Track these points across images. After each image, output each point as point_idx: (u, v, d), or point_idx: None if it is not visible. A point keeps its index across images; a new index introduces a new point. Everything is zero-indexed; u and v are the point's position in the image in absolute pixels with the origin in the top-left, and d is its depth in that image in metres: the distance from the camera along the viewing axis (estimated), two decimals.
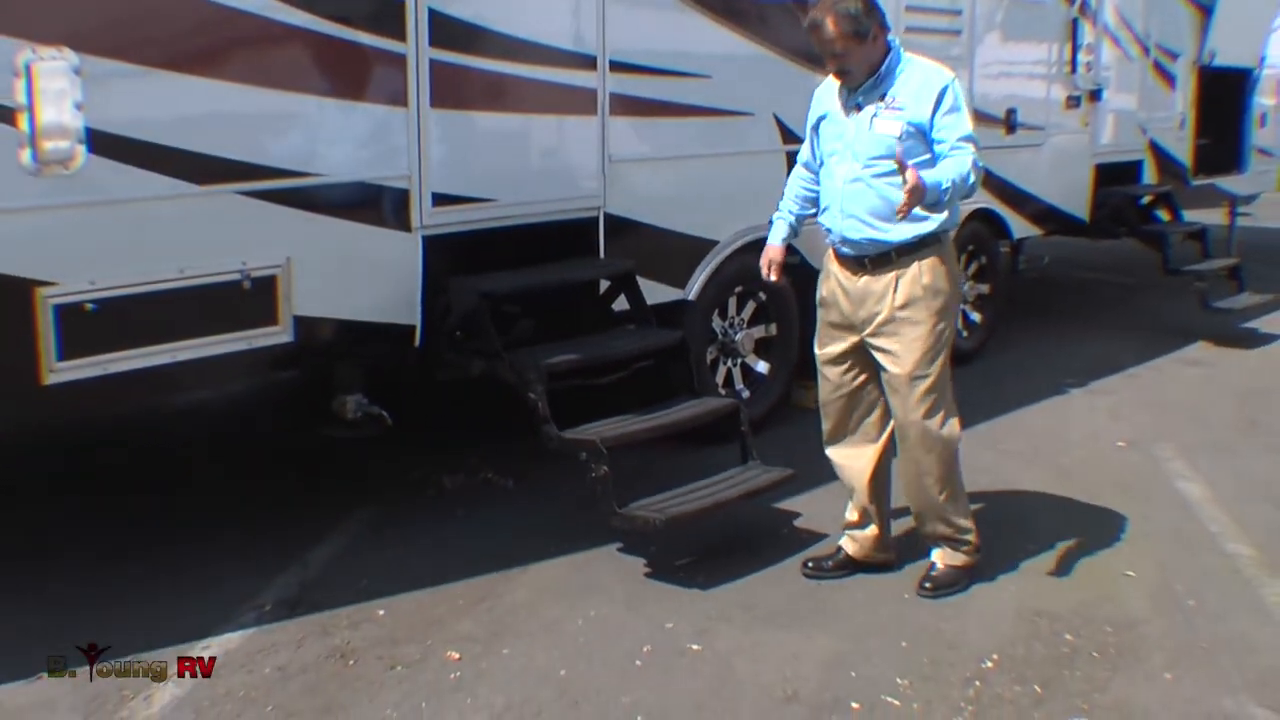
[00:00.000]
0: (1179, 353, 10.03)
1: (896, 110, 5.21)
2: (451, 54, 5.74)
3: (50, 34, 4.60)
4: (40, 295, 4.66)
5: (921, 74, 5.27)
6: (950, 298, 5.40)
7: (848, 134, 5.33)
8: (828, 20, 5.19)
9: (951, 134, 5.16)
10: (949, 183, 5.04)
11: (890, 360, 5.36)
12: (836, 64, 5.29)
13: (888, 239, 5.25)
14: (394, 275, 5.69)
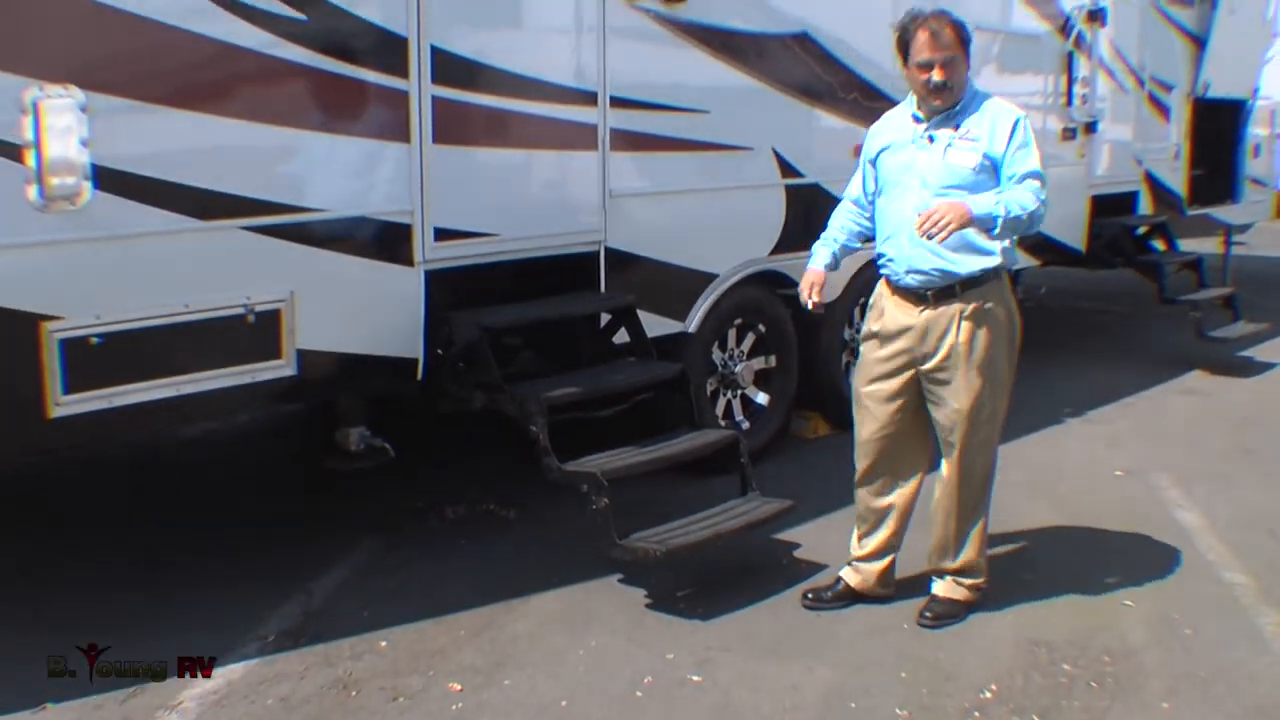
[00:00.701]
0: (1175, 382, 10.07)
1: (971, 141, 5.25)
2: (454, 90, 5.79)
3: (57, 71, 4.64)
4: (46, 329, 4.70)
5: (995, 109, 5.33)
6: (1012, 332, 5.44)
7: (918, 164, 5.35)
8: (945, 26, 5.25)
9: (1021, 168, 5.20)
10: (1004, 209, 5.07)
11: (950, 394, 5.38)
12: (943, 74, 5.25)
13: (955, 270, 5.27)
14: (396, 309, 5.72)
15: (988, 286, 5.33)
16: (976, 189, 5.16)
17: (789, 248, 7.40)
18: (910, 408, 5.52)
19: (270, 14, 5.16)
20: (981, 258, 5.28)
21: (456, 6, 5.81)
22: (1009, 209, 5.09)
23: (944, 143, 5.30)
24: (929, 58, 5.26)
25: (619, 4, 6.44)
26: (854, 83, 7.83)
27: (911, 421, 5.56)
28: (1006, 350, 5.43)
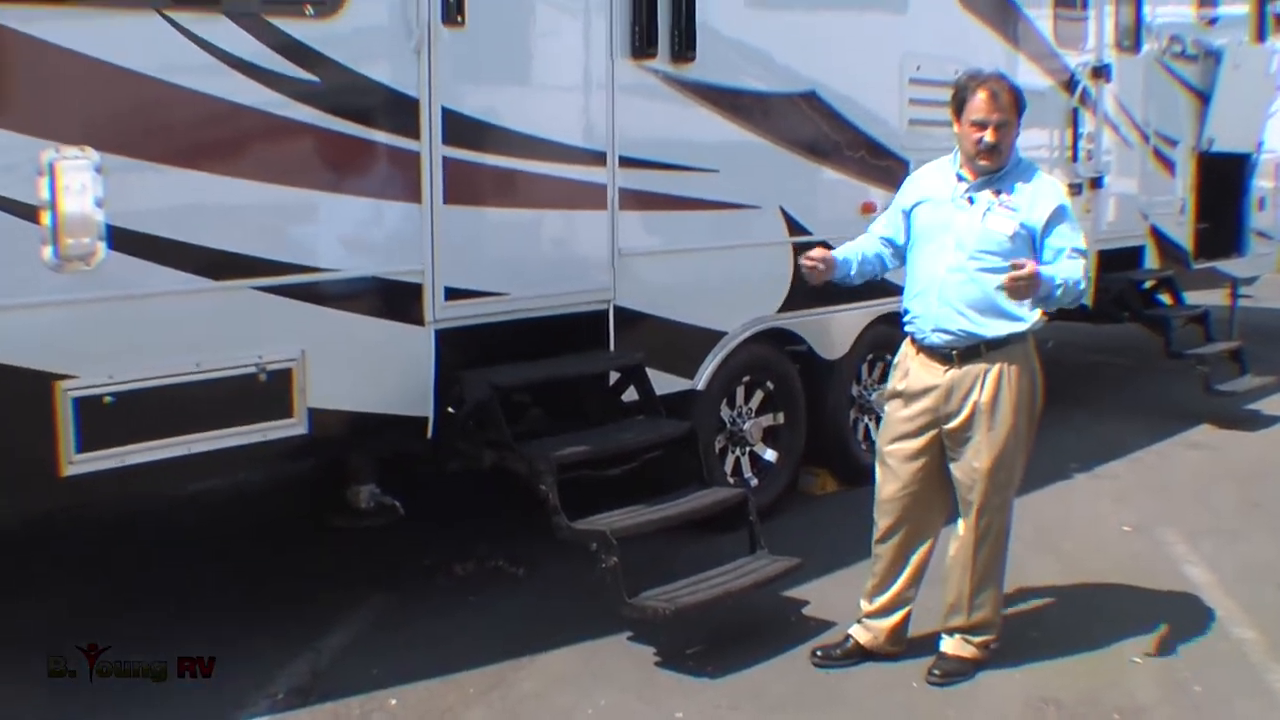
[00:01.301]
0: (1183, 435, 10.07)
1: (1010, 210, 5.29)
2: (464, 151, 5.85)
3: (73, 133, 4.72)
4: (60, 388, 4.76)
5: (1040, 182, 5.39)
6: (1034, 394, 5.46)
7: (956, 224, 5.39)
8: (1005, 89, 5.33)
9: (1066, 243, 5.25)
10: (1061, 280, 5.12)
11: (972, 453, 5.40)
12: (995, 136, 5.31)
13: (981, 333, 5.31)
14: (407, 368, 5.76)
15: (1013, 348, 5.37)
16: (1010, 257, 5.20)
17: (797, 305, 7.48)
18: (933, 466, 5.54)
19: (282, 75, 5.24)
20: (1008, 322, 5.32)
21: (467, 68, 5.88)
22: (1067, 282, 5.15)
23: (983, 206, 5.34)
24: (984, 118, 5.33)
25: (628, 65, 6.52)
26: (861, 141, 7.90)
27: (933, 480, 5.57)
28: (1028, 412, 5.46)
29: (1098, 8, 10.34)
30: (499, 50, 6.05)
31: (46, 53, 4.67)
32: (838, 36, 7.74)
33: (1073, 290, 5.18)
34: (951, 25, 8.74)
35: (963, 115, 5.43)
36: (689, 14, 6.71)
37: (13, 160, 4.62)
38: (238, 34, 5.13)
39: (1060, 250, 5.25)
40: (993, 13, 9.12)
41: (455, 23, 5.76)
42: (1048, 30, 9.78)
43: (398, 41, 5.62)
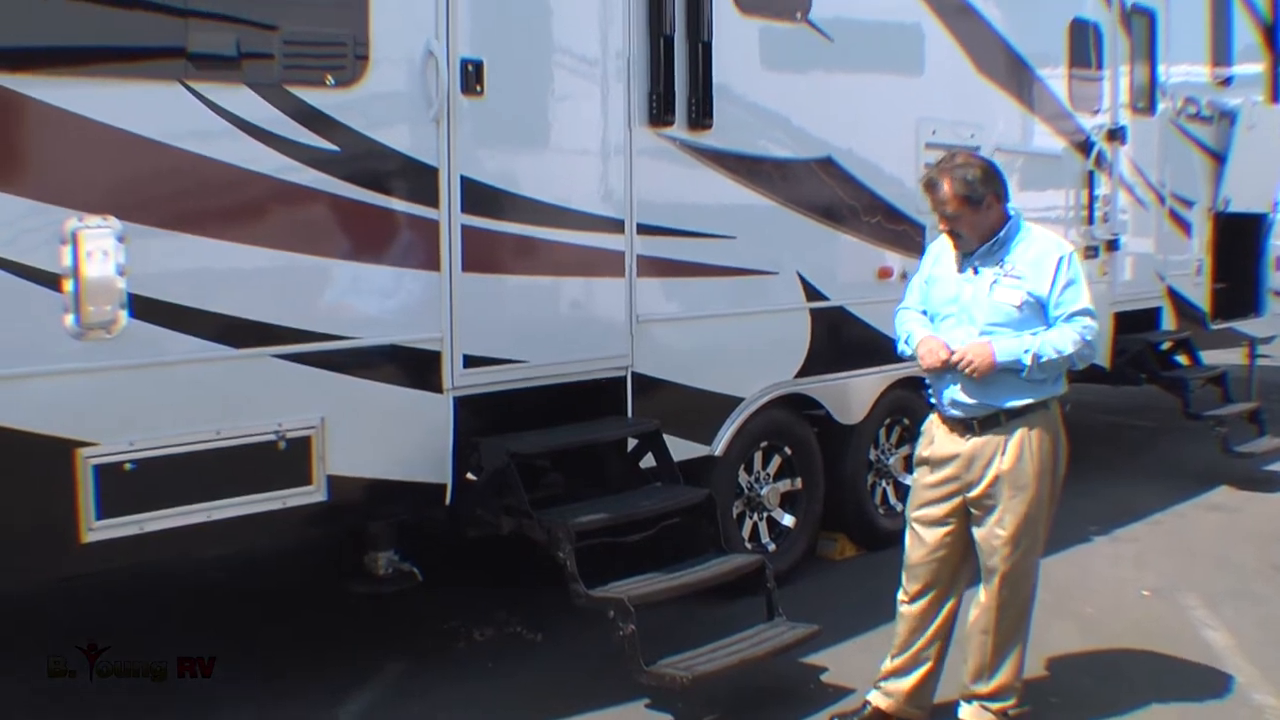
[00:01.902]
0: (1202, 497, 10.03)
1: (1016, 279, 5.28)
2: (483, 219, 5.90)
3: (96, 201, 4.79)
4: (80, 456, 4.80)
5: (1040, 245, 5.36)
6: (1056, 462, 5.44)
7: (964, 298, 5.39)
8: (944, 182, 5.31)
9: (1067, 307, 5.24)
10: (1035, 354, 5.14)
11: (994, 520, 5.39)
12: (948, 226, 5.37)
13: (999, 403, 5.31)
14: (426, 435, 5.78)
15: (1033, 415, 5.35)
16: (1023, 326, 5.21)
17: (814, 370, 7.51)
18: (959, 532, 5.53)
19: (303, 144, 5.30)
20: (1026, 391, 5.31)
21: (486, 137, 5.93)
22: (1040, 353, 5.15)
23: (989, 279, 5.34)
24: (933, 210, 5.43)
25: (645, 132, 6.57)
26: (877, 205, 7.94)
27: (959, 545, 5.56)
28: (1050, 479, 5.43)
29: (1112, 68, 10.40)
30: (517, 119, 6.10)
31: (70, 122, 4.74)
32: (854, 102, 7.79)
33: (1059, 359, 5.19)
34: (967, 89, 8.80)
35: None
36: (706, 82, 6.77)
37: (36, 228, 4.68)
38: (259, 103, 5.19)
39: (1058, 318, 5.26)
40: (1007, 77, 9.17)
41: (474, 92, 5.82)
42: (1062, 93, 9.82)
43: (417, 111, 5.68)
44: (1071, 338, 5.20)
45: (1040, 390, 5.33)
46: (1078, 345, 5.21)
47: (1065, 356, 5.19)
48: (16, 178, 4.67)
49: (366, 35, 5.49)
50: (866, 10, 7.95)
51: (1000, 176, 5.42)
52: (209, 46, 5.08)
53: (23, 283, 4.66)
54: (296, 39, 5.30)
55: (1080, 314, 5.25)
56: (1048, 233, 5.50)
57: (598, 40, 6.40)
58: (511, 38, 6.05)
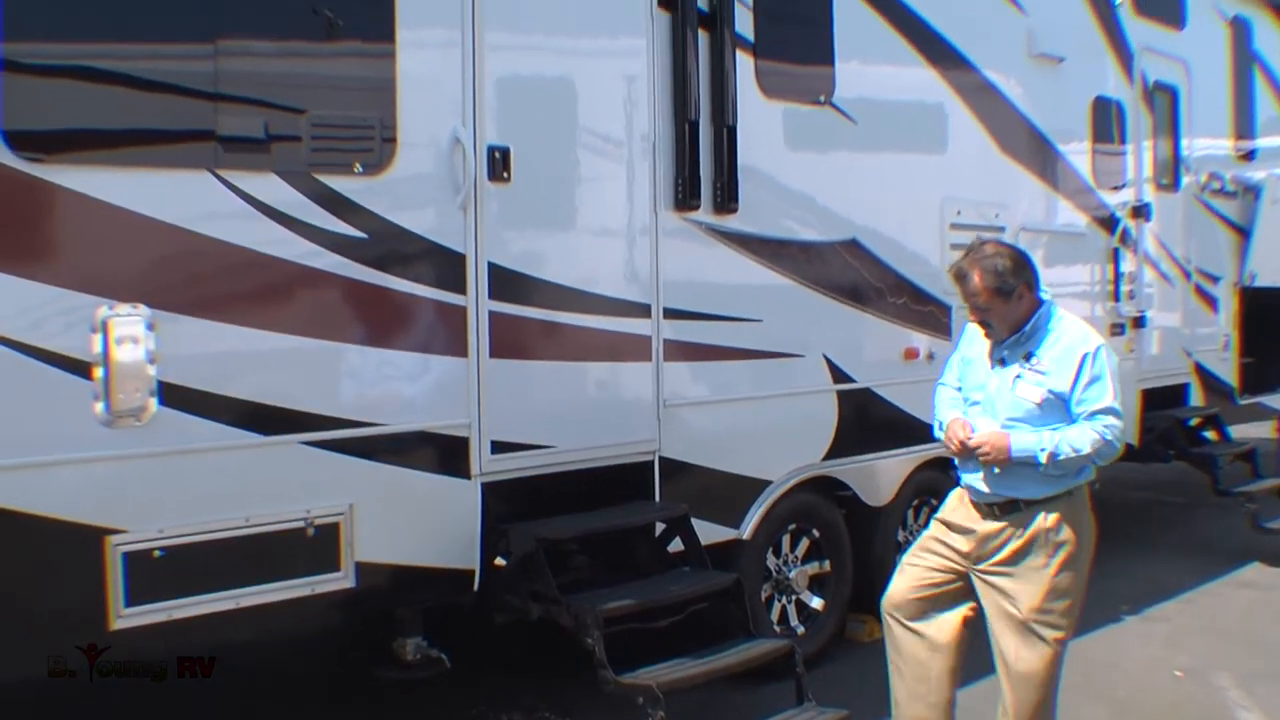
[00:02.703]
0: (1233, 575, 9.95)
1: (1040, 374, 5.25)
2: (510, 305, 5.93)
3: (126, 289, 4.83)
4: (110, 543, 4.81)
5: (1068, 338, 5.31)
6: (1078, 549, 5.36)
7: (990, 388, 5.40)
8: (974, 274, 5.29)
9: (1089, 405, 5.20)
10: (1051, 452, 5.12)
11: (1008, 601, 5.36)
12: (979, 316, 5.37)
13: (1019, 494, 5.29)
14: (454, 521, 5.78)
15: (1056, 504, 5.30)
16: (1043, 421, 5.19)
17: (842, 453, 7.50)
18: (946, 585, 5.53)
19: (331, 231, 5.35)
20: (1045, 483, 5.28)
21: (512, 223, 5.97)
22: (1057, 451, 5.13)
23: (1014, 372, 5.32)
24: (964, 303, 5.45)
25: (671, 216, 6.61)
26: (903, 286, 7.97)
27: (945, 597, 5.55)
28: (1071, 564, 5.35)
29: (1135, 145, 10.46)
30: (544, 204, 6.14)
31: (101, 210, 4.79)
32: (878, 184, 7.83)
33: (1077, 457, 5.15)
34: (990, 169, 8.85)
35: None
36: (730, 165, 6.82)
37: (66, 316, 4.72)
38: (287, 191, 5.25)
39: (1079, 416, 5.23)
40: (1031, 155, 9.23)
41: (501, 179, 5.86)
42: (1086, 170, 9.87)
43: (444, 197, 5.72)
44: (1091, 437, 5.16)
45: (1061, 482, 5.28)
46: (1096, 445, 5.16)
47: (1083, 455, 5.15)
48: (47, 266, 4.72)
49: (394, 123, 5.54)
50: (889, 92, 8.01)
51: (1031, 265, 5.41)
52: (238, 131, 5.15)
53: (54, 370, 4.69)
54: (325, 123, 5.37)
55: (1103, 413, 5.20)
56: (1078, 324, 5.44)
57: (623, 125, 6.46)
58: (538, 124, 6.10)
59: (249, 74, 5.21)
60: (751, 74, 7.04)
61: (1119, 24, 10.34)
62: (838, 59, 7.57)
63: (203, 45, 5.06)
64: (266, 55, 5.29)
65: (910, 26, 8.11)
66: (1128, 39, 10.42)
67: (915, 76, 8.20)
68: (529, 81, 6.11)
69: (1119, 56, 10.34)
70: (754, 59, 7.06)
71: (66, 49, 4.81)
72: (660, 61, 6.61)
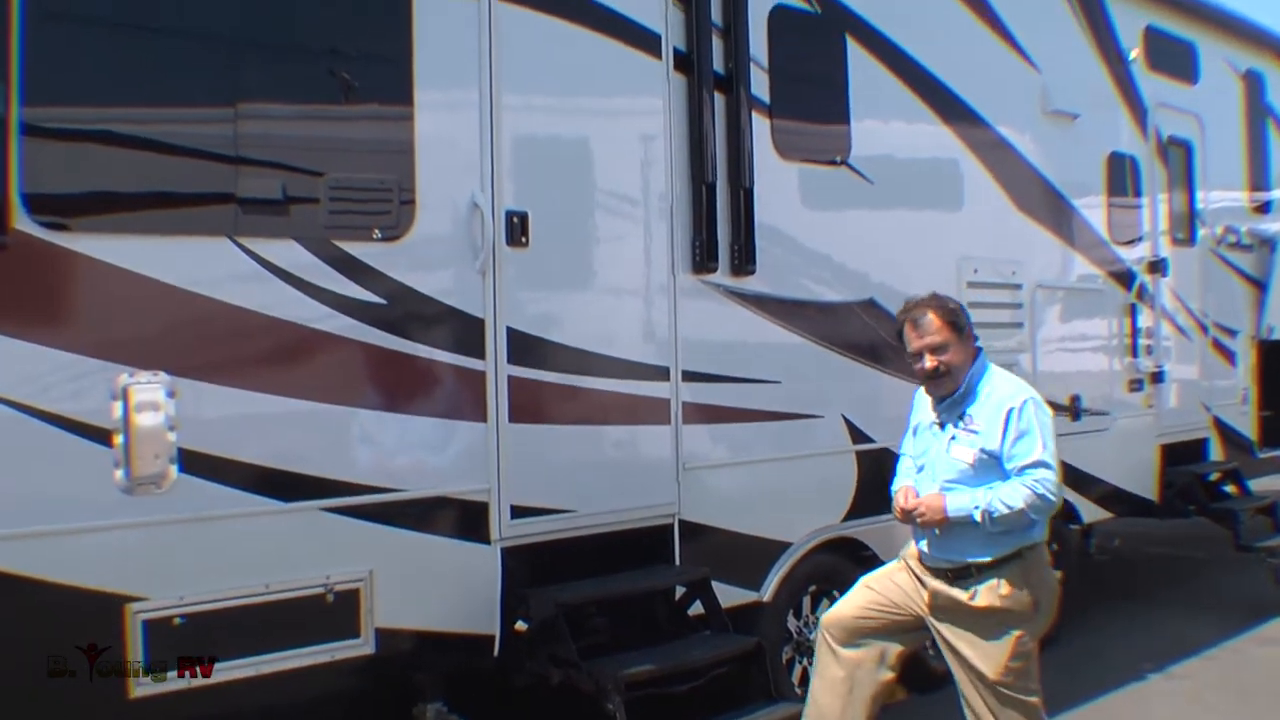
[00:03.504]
0: (1256, 631, 9.86)
1: (972, 434, 5.27)
2: (529, 369, 5.94)
3: (146, 356, 4.85)
4: (130, 611, 4.80)
5: (997, 395, 5.33)
6: (1032, 609, 5.37)
7: (931, 452, 5.42)
8: (930, 312, 5.34)
9: (1019, 460, 5.21)
10: (986, 510, 5.13)
11: (965, 665, 5.37)
12: (935, 360, 5.35)
13: (968, 557, 5.29)
14: (473, 586, 5.77)
15: (1006, 567, 5.31)
16: (979, 481, 5.23)
17: (861, 513, 7.47)
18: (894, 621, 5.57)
19: (350, 298, 5.37)
20: (991, 546, 5.29)
21: (531, 287, 5.99)
22: (991, 509, 5.15)
23: (949, 434, 5.37)
24: (916, 347, 5.40)
25: (689, 279, 6.62)
26: None
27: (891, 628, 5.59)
28: (1026, 623, 5.36)
29: (1151, 200, 10.46)
30: (562, 268, 6.17)
31: (121, 278, 4.82)
32: (895, 243, 7.84)
33: (1011, 513, 5.14)
34: (1006, 227, 8.87)
35: (906, 351, 5.49)
36: (748, 228, 6.84)
37: (86, 384, 4.74)
38: (306, 258, 5.27)
39: (1011, 472, 5.23)
40: (1046, 212, 9.24)
41: (519, 243, 5.89)
42: (1102, 226, 9.86)
43: (463, 262, 5.75)
44: (1023, 493, 5.16)
45: (1007, 541, 5.28)
46: (1029, 500, 5.16)
47: (1017, 511, 5.15)
48: (68, 332, 4.75)
49: (413, 185, 5.58)
50: (905, 151, 8.04)
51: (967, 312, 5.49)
52: (257, 196, 5.19)
53: (74, 437, 4.70)
54: (344, 186, 5.42)
55: (1033, 466, 5.20)
56: (1008, 380, 5.48)
57: (641, 188, 6.49)
58: (555, 187, 6.14)
59: (268, 138, 5.25)
60: (768, 135, 7.08)
61: (1132, 80, 10.36)
62: (853, 119, 7.60)
63: (222, 109, 5.11)
64: (285, 119, 5.33)
65: (925, 85, 8.15)
66: (1141, 94, 10.45)
67: (931, 135, 8.23)
68: (546, 144, 6.15)
69: (1133, 112, 10.36)
70: (770, 120, 7.10)
71: (86, 113, 4.86)
72: (677, 124, 6.65)
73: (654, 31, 6.56)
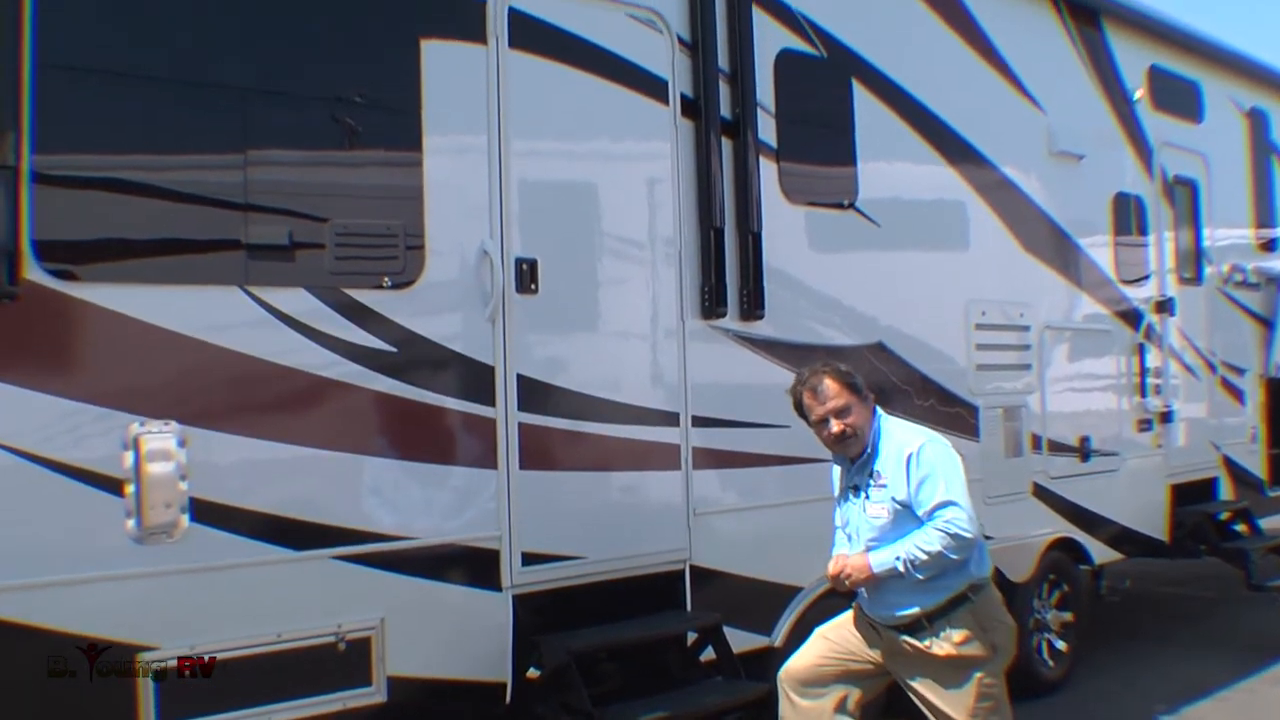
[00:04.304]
0: (1269, 671, 9.79)
1: (881, 488, 5.33)
2: (539, 416, 5.94)
3: (158, 406, 4.85)
4: (140, 659, 4.79)
5: (894, 443, 5.39)
6: (991, 651, 5.37)
7: (852, 517, 5.49)
8: (826, 379, 5.40)
9: (926, 504, 5.24)
10: (905, 560, 5.15)
11: (935, 712, 5.39)
12: (840, 424, 5.39)
13: (911, 609, 5.30)
14: (485, 634, 5.75)
15: (956, 613, 5.32)
16: (898, 535, 5.25)
17: None
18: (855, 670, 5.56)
19: (360, 346, 5.38)
20: (930, 592, 5.30)
21: (541, 334, 6.02)
22: (911, 556, 5.16)
23: (864, 495, 5.41)
24: (819, 414, 5.44)
25: (699, 324, 6.63)
26: (930, 388, 7.98)
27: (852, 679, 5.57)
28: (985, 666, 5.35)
29: (1157, 240, 10.49)
30: (571, 315, 6.19)
31: (132, 327, 4.84)
32: (903, 287, 7.86)
33: (929, 557, 5.15)
34: (1014, 269, 8.91)
35: (809, 421, 5.51)
36: (756, 272, 6.85)
37: (98, 433, 4.76)
38: (317, 306, 5.29)
39: (923, 516, 5.25)
40: (1053, 254, 9.28)
41: (529, 290, 5.90)
42: (1109, 266, 9.89)
43: (473, 310, 5.77)
44: (936, 535, 5.18)
45: (946, 586, 5.29)
46: (944, 541, 5.17)
47: (935, 554, 5.16)
48: (79, 382, 4.76)
49: (422, 232, 5.60)
50: (912, 193, 8.07)
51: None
52: (267, 244, 5.20)
53: (85, 487, 4.71)
54: (354, 232, 5.43)
55: (941, 508, 5.21)
56: (903, 428, 5.54)
57: (649, 234, 6.52)
58: (564, 234, 6.17)
59: (278, 186, 5.28)
60: (775, 179, 7.10)
61: (1137, 120, 10.40)
62: (860, 162, 7.63)
63: (231, 156, 5.13)
64: (295, 166, 5.36)
65: (931, 128, 8.19)
66: (1146, 134, 10.49)
67: (937, 178, 8.26)
68: (555, 190, 6.18)
69: (1138, 152, 10.40)
70: (777, 164, 7.13)
71: (96, 160, 4.89)
72: (685, 169, 6.67)
73: (661, 78, 6.59)
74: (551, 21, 6.17)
